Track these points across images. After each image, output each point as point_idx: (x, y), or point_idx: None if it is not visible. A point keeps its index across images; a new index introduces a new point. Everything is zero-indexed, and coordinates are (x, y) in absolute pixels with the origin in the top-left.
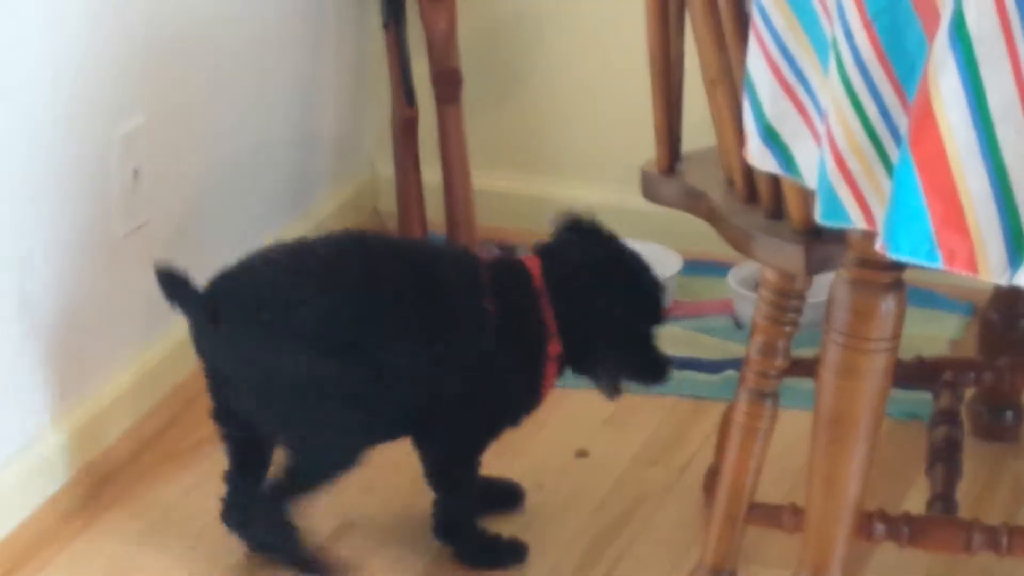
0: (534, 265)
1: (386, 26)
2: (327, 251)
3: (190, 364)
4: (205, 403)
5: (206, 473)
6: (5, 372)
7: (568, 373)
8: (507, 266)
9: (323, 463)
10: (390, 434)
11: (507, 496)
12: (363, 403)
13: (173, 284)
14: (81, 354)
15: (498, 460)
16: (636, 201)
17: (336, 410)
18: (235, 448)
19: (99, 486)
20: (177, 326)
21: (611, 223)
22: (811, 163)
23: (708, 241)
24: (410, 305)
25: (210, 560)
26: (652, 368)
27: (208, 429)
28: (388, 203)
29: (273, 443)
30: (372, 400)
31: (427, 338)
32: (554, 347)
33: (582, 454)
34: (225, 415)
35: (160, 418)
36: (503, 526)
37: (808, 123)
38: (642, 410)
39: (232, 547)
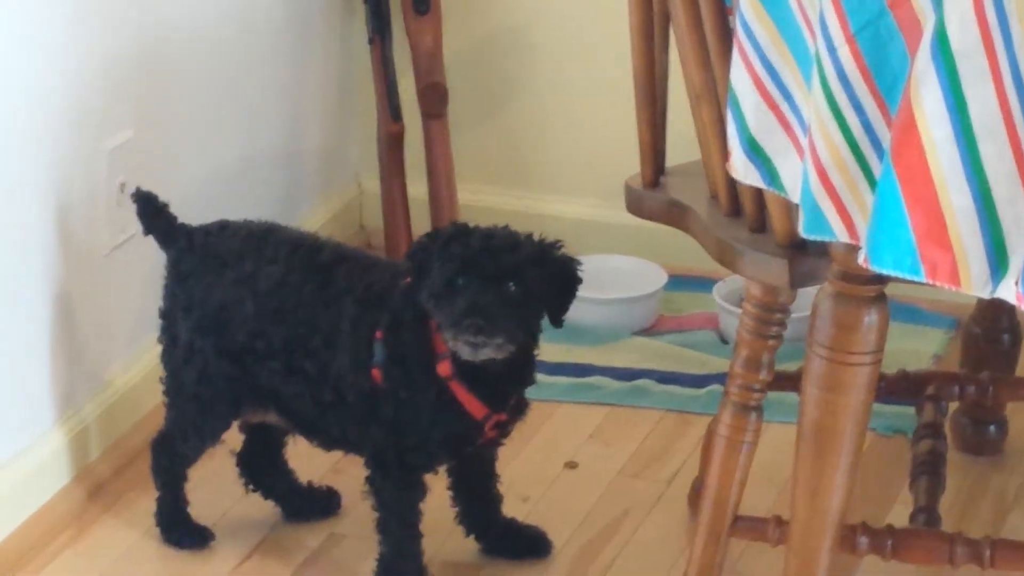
0: None
1: (372, 41)
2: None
3: None
4: None
5: (201, 479)
6: (5, 379)
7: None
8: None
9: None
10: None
11: (532, 544)
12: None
13: (151, 209)
14: (72, 364)
15: None
16: (621, 216)
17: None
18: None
19: (92, 494)
20: None
21: (596, 238)
22: (795, 177)
23: (693, 256)
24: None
25: (205, 566)
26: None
27: None
28: (374, 218)
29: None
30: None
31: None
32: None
33: (571, 466)
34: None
35: (151, 426)
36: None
37: (791, 137)
38: (628, 423)
39: (227, 554)
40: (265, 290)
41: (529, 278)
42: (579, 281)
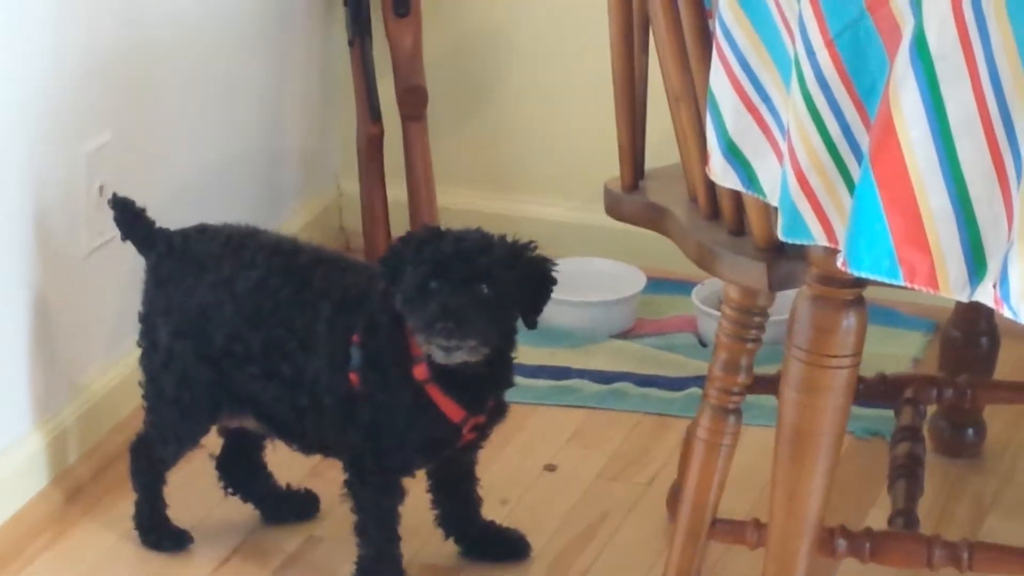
0: None
1: (351, 43)
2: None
3: None
4: None
5: (180, 482)
6: None
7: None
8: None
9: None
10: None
11: (511, 547)
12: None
13: (128, 215)
14: (51, 367)
15: None
16: (600, 219)
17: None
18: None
19: (71, 497)
20: None
21: (575, 240)
22: (773, 180)
23: (672, 259)
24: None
25: (184, 569)
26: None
27: None
28: (353, 220)
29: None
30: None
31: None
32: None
33: (550, 469)
34: None
35: (131, 429)
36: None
37: (770, 140)
38: (607, 426)
39: (206, 557)
40: (243, 294)
41: (502, 280)
42: (553, 281)
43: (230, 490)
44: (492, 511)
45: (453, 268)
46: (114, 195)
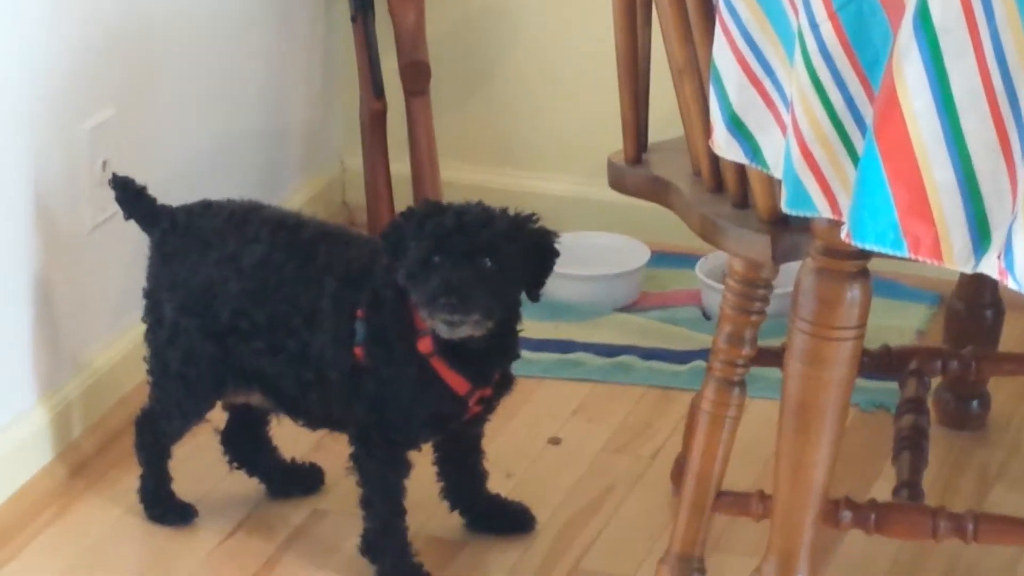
0: None
1: (354, 19)
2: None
3: None
4: None
5: (184, 456)
6: None
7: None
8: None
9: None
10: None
11: (516, 520)
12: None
13: (129, 194)
14: (54, 342)
15: None
16: (604, 193)
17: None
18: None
19: (75, 472)
20: None
21: (579, 215)
22: (777, 152)
23: (676, 232)
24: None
25: (189, 543)
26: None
27: None
28: (357, 195)
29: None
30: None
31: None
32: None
33: (555, 442)
34: None
35: (135, 404)
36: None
37: (774, 113)
38: (611, 399)
39: (211, 531)
40: (248, 269)
41: (504, 253)
42: (556, 253)
43: (235, 464)
44: (497, 484)
45: (455, 242)
46: (114, 175)
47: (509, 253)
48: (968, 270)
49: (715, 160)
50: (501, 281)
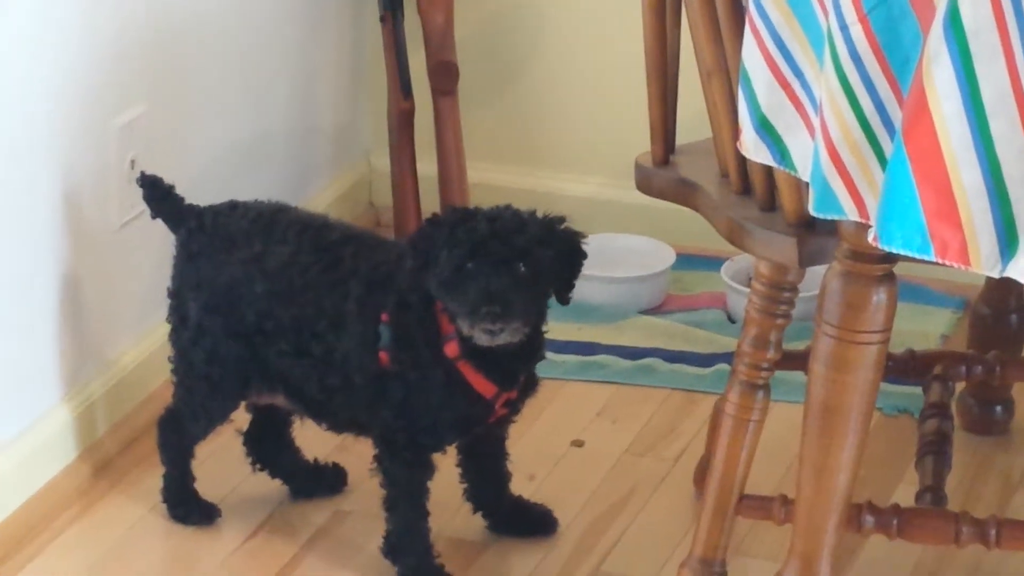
0: None
1: (383, 19)
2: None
3: None
4: None
5: (207, 456)
6: (12, 356)
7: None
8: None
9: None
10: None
11: (538, 522)
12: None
13: (157, 193)
14: (80, 340)
15: None
16: (631, 195)
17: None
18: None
19: (99, 471)
20: None
21: (605, 217)
22: (805, 155)
23: (701, 235)
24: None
25: (211, 542)
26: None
27: None
28: (384, 195)
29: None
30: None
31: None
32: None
33: (578, 444)
34: None
35: (158, 404)
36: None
37: (803, 115)
38: (635, 402)
39: (234, 531)
40: (274, 270)
41: (538, 257)
42: (584, 256)
43: (257, 465)
44: (520, 486)
45: (490, 249)
46: (142, 173)
47: (543, 257)
48: (995, 274)
49: (743, 162)
50: (536, 285)
